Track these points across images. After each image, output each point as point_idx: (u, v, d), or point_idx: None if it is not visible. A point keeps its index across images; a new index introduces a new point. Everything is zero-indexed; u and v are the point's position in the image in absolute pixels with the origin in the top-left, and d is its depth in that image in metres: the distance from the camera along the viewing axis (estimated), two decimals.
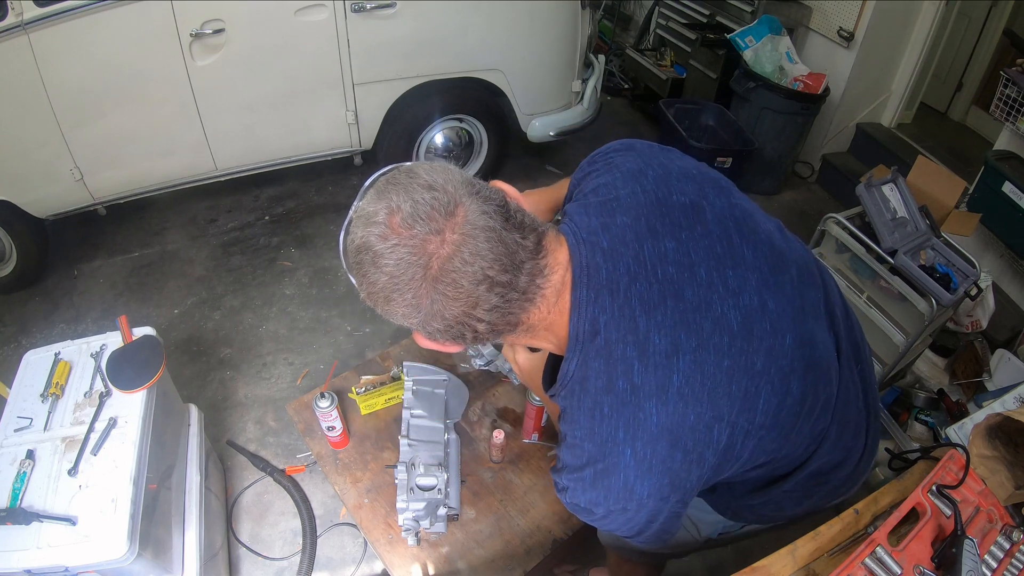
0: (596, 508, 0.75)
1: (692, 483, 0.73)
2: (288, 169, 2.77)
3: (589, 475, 0.72)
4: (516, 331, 0.71)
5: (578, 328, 0.70)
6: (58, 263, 2.77)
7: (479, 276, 0.63)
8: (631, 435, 0.69)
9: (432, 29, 2.51)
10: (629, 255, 0.71)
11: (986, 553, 0.94)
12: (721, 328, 0.70)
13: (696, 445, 0.70)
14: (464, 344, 0.71)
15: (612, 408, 0.69)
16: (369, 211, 0.64)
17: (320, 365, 2.36)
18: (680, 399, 0.68)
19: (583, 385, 0.71)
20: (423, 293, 0.63)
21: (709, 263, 0.72)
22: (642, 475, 0.70)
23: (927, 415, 2.06)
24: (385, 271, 0.63)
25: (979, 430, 1.07)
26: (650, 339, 0.68)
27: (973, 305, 2.12)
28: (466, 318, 0.65)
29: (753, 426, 0.73)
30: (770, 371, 0.73)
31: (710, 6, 3.78)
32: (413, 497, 1.31)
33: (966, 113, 3.76)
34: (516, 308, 0.67)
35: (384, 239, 0.62)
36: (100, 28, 2.09)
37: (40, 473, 1.21)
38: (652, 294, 0.69)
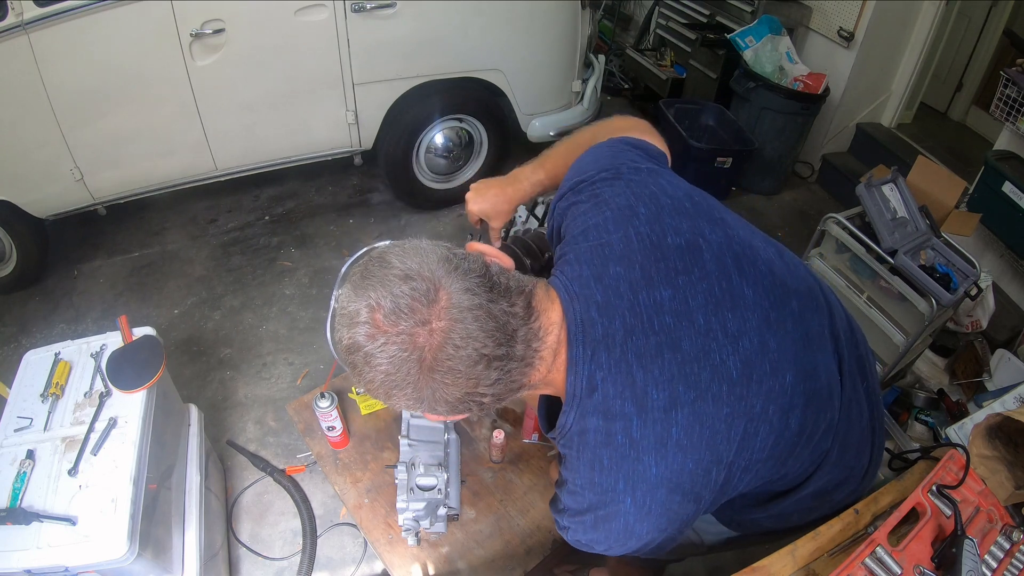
0: (597, 546, 0.76)
1: (690, 516, 0.74)
2: (288, 169, 2.77)
3: (590, 520, 0.73)
4: (518, 392, 0.72)
5: (575, 386, 0.70)
6: (58, 263, 2.77)
7: (474, 357, 0.63)
8: (631, 486, 0.69)
9: (432, 29, 2.51)
10: (624, 307, 0.70)
11: (986, 553, 0.94)
12: (720, 376, 0.70)
13: (694, 487, 0.71)
14: (471, 414, 0.72)
15: (612, 461, 0.69)
16: (351, 310, 0.63)
17: (320, 365, 2.36)
18: (679, 450, 0.68)
19: (582, 438, 0.71)
20: (422, 385, 0.63)
21: (707, 308, 0.71)
22: (642, 519, 0.70)
23: (927, 415, 2.06)
24: (380, 370, 0.62)
25: (979, 430, 1.07)
26: (648, 394, 0.68)
27: (973, 305, 2.12)
28: (469, 397, 0.66)
29: (751, 462, 0.74)
30: (768, 411, 0.73)
31: (710, 6, 3.78)
32: (413, 497, 1.30)
33: (966, 113, 3.76)
34: (517, 376, 0.68)
35: (372, 339, 0.62)
36: (100, 28, 2.09)
37: (40, 473, 1.21)
38: (649, 347, 0.69)
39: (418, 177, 2.93)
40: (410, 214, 3.09)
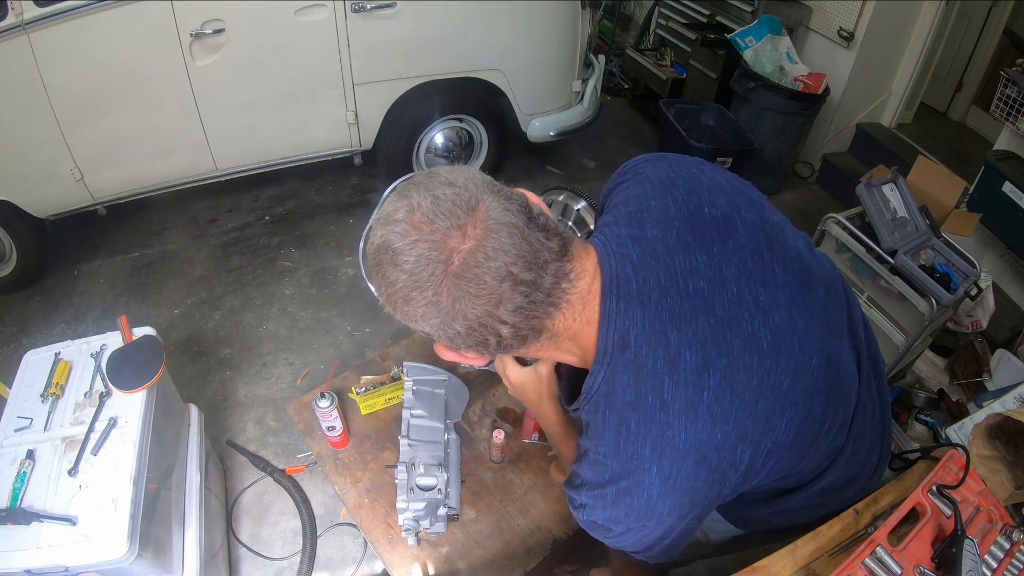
0: (615, 526, 0.73)
1: (711, 501, 0.72)
2: (288, 169, 2.77)
3: (611, 493, 0.70)
4: (540, 339, 0.69)
5: (607, 340, 0.68)
6: (58, 263, 2.77)
7: (502, 272, 0.61)
8: (658, 453, 0.67)
9: (432, 29, 2.51)
10: (660, 268, 0.69)
11: (986, 553, 0.94)
12: (751, 346, 0.69)
13: (720, 464, 0.69)
14: (487, 353, 0.69)
15: (640, 425, 0.67)
16: (389, 211, 0.63)
17: (320, 365, 2.36)
18: (709, 417, 0.67)
19: (609, 400, 0.69)
20: (444, 290, 0.61)
21: (740, 279, 0.71)
22: (665, 494, 0.68)
23: (927, 415, 2.06)
24: (404, 268, 0.61)
25: (979, 430, 1.07)
26: (681, 355, 0.67)
27: (973, 305, 2.12)
28: (489, 319, 0.63)
29: (775, 445, 0.72)
30: (795, 391, 0.72)
31: (710, 6, 3.78)
32: (413, 497, 1.31)
33: (966, 113, 3.76)
34: (540, 312, 0.65)
35: (404, 236, 0.61)
36: (100, 28, 2.09)
37: (40, 473, 1.21)
38: (683, 309, 0.68)
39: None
40: None
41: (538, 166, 3.50)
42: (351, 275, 2.77)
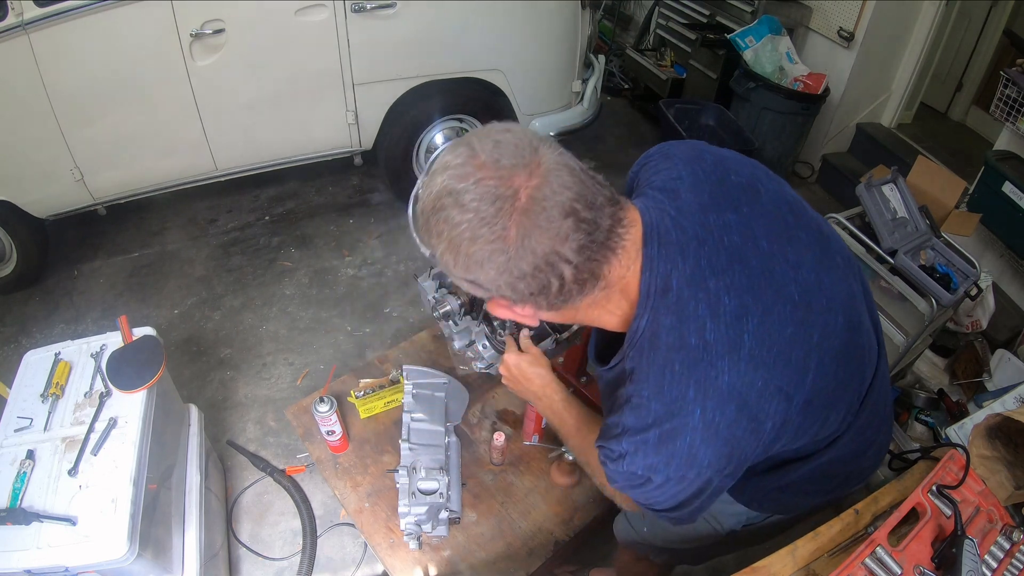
0: (655, 475, 0.72)
1: (748, 454, 0.73)
2: (288, 169, 2.77)
3: (654, 437, 0.70)
4: (595, 288, 0.70)
5: (650, 284, 0.70)
6: (58, 263, 2.77)
7: (567, 208, 0.62)
8: (702, 394, 0.68)
9: (432, 29, 2.51)
10: (696, 223, 0.72)
11: (986, 553, 0.94)
12: (783, 297, 0.72)
13: (759, 413, 0.70)
14: (544, 306, 0.69)
15: (683, 366, 0.68)
16: (448, 159, 0.64)
17: (320, 365, 2.36)
18: (751, 361, 0.69)
19: (653, 342, 0.70)
20: (512, 225, 0.61)
21: (769, 237, 0.74)
22: (708, 439, 0.69)
23: (927, 415, 2.06)
24: (471, 207, 0.61)
25: (979, 430, 1.07)
26: (720, 299, 0.69)
27: (973, 305, 2.12)
28: (554, 256, 0.63)
29: (804, 403, 0.74)
30: (823, 347, 0.75)
31: (710, 6, 3.78)
32: (415, 501, 1.30)
33: (966, 113, 3.76)
34: (599, 256, 0.66)
35: (468, 178, 0.62)
36: (100, 28, 2.09)
37: (40, 473, 1.21)
38: (720, 259, 0.71)
39: (418, 177, 2.92)
40: None
41: None
42: (351, 275, 2.78)
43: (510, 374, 1.09)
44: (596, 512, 1.49)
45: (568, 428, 1.03)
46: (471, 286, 0.68)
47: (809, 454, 0.90)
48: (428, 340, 1.83)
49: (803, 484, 0.97)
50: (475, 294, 0.72)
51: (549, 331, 1.33)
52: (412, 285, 2.69)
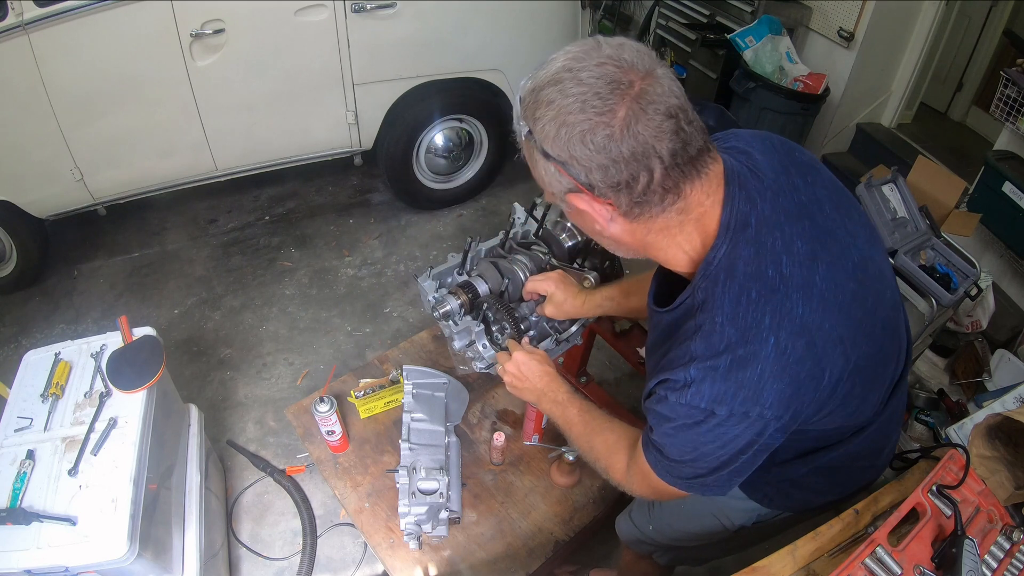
0: (719, 408, 0.71)
1: (803, 406, 0.73)
2: (288, 169, 2.77)
3: (725, 363, 0.70)
4: (673, 208, 0.71)
5: (730, 218, 0.72)
6: (58, 263, 2.77)
7: (672, 111, 0.65)
8: (777, 322, 0.69)
9: (432, 29, 2.51)
10: (770, 179, 0.76)
11: (986, 553, 0.94)
12: (846, 256, 0.76)
13: (823, 358, 0.72)
14: (625, 204, 0.69)
15: (760, 294, 0.70)
16: (570, 48, 0.68)
17: (320, 365, 2.36)
18: (821, 301, 0.71)
19: (730, 271, 0.72)
20: (621, 106, 0.64)
21: (831, 204, 0.79)
22: (777, 373, 0.69)
23: (927, 415, 2.06)
24: (586, 83, 0.64)
25: (979, 430, 1.07)
26: (794, 242, 0.72)
27: (973, 305, 2.12)
28: (650, 150, 0.65)
29: (855, 366, 0.75)
30: (875, 314, 0.78)
31: (710, 6, 3.77)
32: (415, 501, 1.30)
33: (966, 113, 3.75)
34: (687, 171, 0.69)
35: (588, 60, 0.65)
36: (100, 28, 2.09)
37: (40, 473, 1.21)
38: (792, 210, 0.74)
39: (418, 177, 2.93)
40: (410, 214, 3.09)
41: None
42: (351, 275, 2.78)
43: (517, 372, 1.11)
44: (596, 512, 1.49)
45: (573, 421, 1.04)
46: (558, 170, 0.70)
47: (833, 443, 0.91)
48: (428, 340, 1.83)
49: (820, 478, 0.98)
50: (554, 190, 0.74)
51: (549, 331, 1.35)
52: (412, 285, 2.69)
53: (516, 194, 3.24)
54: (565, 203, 0.75)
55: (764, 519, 1.11)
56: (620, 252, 0.83)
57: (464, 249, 1.38)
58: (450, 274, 1.41)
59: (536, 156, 0.73)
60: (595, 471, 1.02)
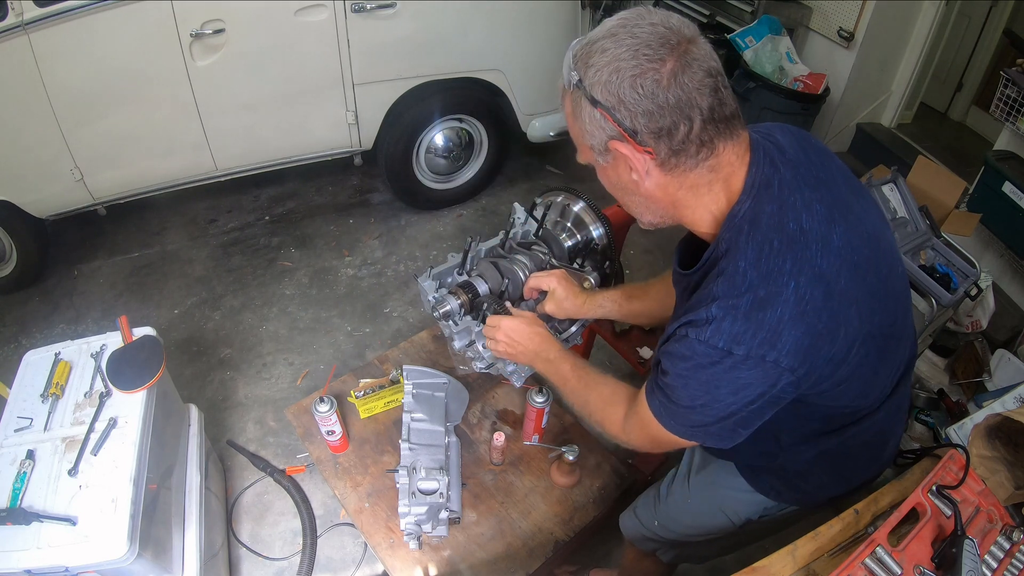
0: (736, 347, 0.73)
1: (818, 362, 0.75)
2: (288, 169, 2.77)
3: (746, 303, 0.72)
4: (705, 164, 0.76)
5: (755, 177, 0.77)
6: (58, 263, 2.77)
7: (712, 71, 0.72)
8: (797, 269, 0.72)
9: (432, 29, 2.51)
10: (790, 153, 0.81)
11: (986, 553, 0.94)
12: (860, 226, 0.80)
13: (839, 313, 0.74)
14: (665, 151, 0.74)
15: (781, 243, 0.73)
16: (622, 13, 0.75)
17: (320, 365, 2.36)
18: (839, 257, 0.75)
19: (754, 223, 0.75)
20: (671, 58, 0.70)
21: (846, 186, 0.83)
22: (795, 319, 0.72)
23: (927, 415, 2.06)
24: (640, 36, 0.71)
25: (979, 430, 1.08)
26: (813, 205, 0.76)
27: (973, 305, 2.12)
28: (692, 102, 0.71)
29: (868, 333, 0.78)
30: (889, 284, 0.83)
31: (710, 6, 3.77)
32: (415, 501, 1.30)
33: (966, 113, 3.76)
34: (721, 129, 0.74)
35: (641, 20, 0.72)
36: (100, 28, 2.09)
37: (40, 473, 1.21)
38: (811, 180, 0.79)
39: (418, 177, 2.93)
40: (410, 214, 3.09)
41: (538, 166, 3.50)
42: (351, 275, 2.78)
43: (508, 338, 1.13)
44: (596, 512, 1.48)
45: (567, 377, 1.06)
46: (604, 117, 0.74)
47: (843, 426, 0.92)
48: (428, 340, 1.83)
49: (825, 468, 0.99)
50: (595, 141, 0.78)
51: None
52: (412, 285, 2.69)
53: (516, 194, 3.24)
54: (605, 155, 0.79)
55: (770, 513, 1.11)
56: (649, 216, 0.86)
57: (464, 249, 1.38)
58: (450, 274, 1.41)
59: (582, 105, 0.77)
60: (594, 473, 1.02)
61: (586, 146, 0.81)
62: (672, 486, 1.24)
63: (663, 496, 1.25)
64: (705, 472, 1.17)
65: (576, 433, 1.64)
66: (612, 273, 1.46)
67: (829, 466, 0.99)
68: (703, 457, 1.20)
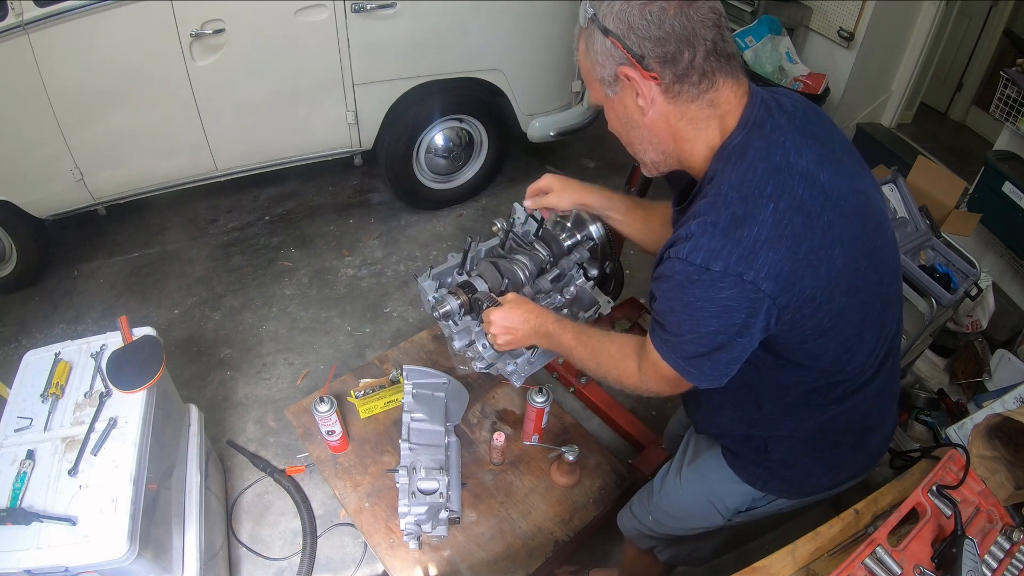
0: (714, 263, 0.74)
1: (801, 294, 0.76)
2: (288, 169, 2.77)
3: (724, 220, 0.75)
4: (705, 98, 0.80)
5: (749, 116, 0.81)
6: (58, 263, 2.77)
7: (718, 9, 0.77)
8: (778, 193, 0.75)
9: (432, 29, 2.51)
10: (787, 107, 0.84)
11: (986, 553, 0.94)
12: (850, 181, 0.83)
13: (819, 248, 0.76)
14: (670, 77, 0.78)
15: (766, 171, 0.76)
16: None
17: (320, 365, 2.36)
18: (823, 194, 0.77)
19: (741, 154, 0.79)
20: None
21: (841, 148, 0.86)
22: (772, 241, 0.74)
23: (927, 415, 2.06)
24: None
25: (979, 430, 1.07)
26: (803, 150, 0.79)
27: (973, 305, 2.11)
28: (697, 34, 0.76)
29: (853, 284, 0.81)
30: (876, 242, 0.85)
31: None
32: (415, 501, 1.31)
33: (966, 113, 3.76)
34: (721, 64, 0.79)
35: None
36: (100, 28, 2.09)
37: (40, 473, 1.21)
38: (806, 131, 0.82)
39: (418, 177, 2.93)
40: (410, 214, 3.09)
41: (538, 166, 3.50)
42: (351, 275, 2.78)
43: (503, 327, 1.11)
44: (596, 512, 1.49)
45: (572, 346, 1.06)
46: (615, 44, 0.78)
47: (825, 403, 0.92)
48: (428, 340, 1.83)
49: (810, 453, 0.99)
50: (604, 73, 0.82)
51: None
52: (412, 285, 2.69)
53: (516, 194, 3.24)
54: (613, 86, 0.83)
55: (758, 505, 1.11)
56: (652, 153, 0.89)
57: (464, 249, 1.38)
58: (450, 274, 1.41)
59: (595, 38, 0.81)
60: (594, 473, 1.02)
61: (596, 82, 0.85)
62: (666, 479, 1.25)
63: (656, 490, 1.26)
64: (696, 464, 1.18)
65: (576, 433, 1.64)
66: (612, 273, 1.46)
67: (813, 452, 1.00)
68: (695, 450, 1.20)
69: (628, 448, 1.96)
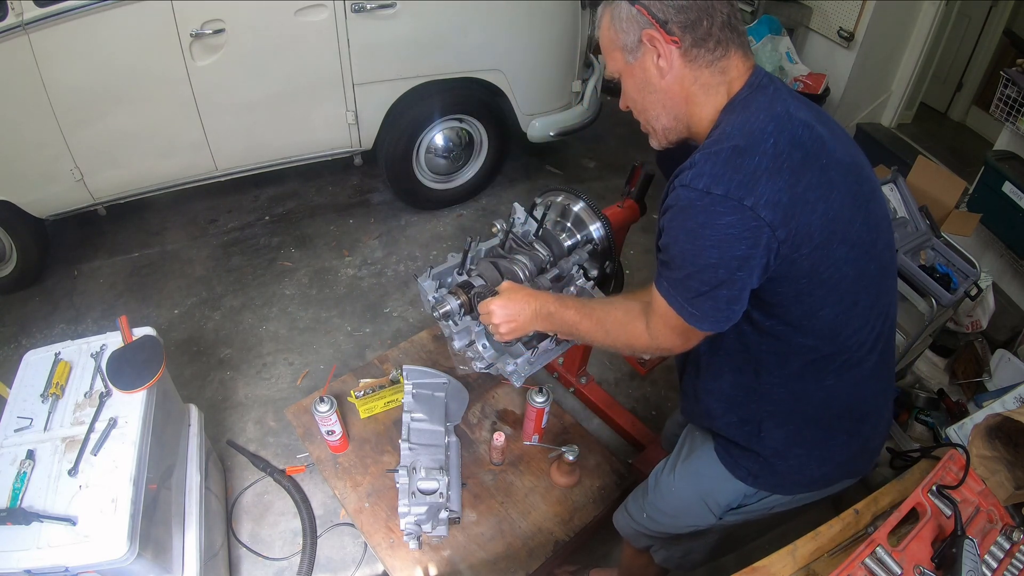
0: (715, 187, 0.78)
1: (800, 229, 0.79)
2: (288, 169, 2.77)
3: (726, 150, 0.80)
4: (716, 65, 0.87)
5: (754, 81, 0.88)
6: (58, 263, 2.77)
7: None
8: (778, 131, 0.81)
9: (432, 29, 2.51)
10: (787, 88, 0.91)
11: (986, 553, 0.94)
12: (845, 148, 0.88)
13: (817, 185, 0.81)
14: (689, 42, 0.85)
15: (767, 117, 0.83)
16: None
17: (320, 365, 2.36)
18: (821, 141, 0.83)
19: (746, 104, 0.86)
20: None
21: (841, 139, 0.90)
22: (772, 172, 0.78)
23: (927, 415, 2.06)
24: None
25: (979, 430, 1.08)
26: (803, 109, 0.87)
27: (973, 305, 2.12)
28: (713, 4, 0.84)
29: (850, 238, 0.85)
30: (869, 206, 0.89)
31: None
32: (415, 501, 1.31)
33: (966, 113, 3.76)
34: (734, 37, 0.86)
35: None
36: (100, 28, 2.09)
37: (40, 473, 1.21)
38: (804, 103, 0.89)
39: (418, 177, 2.93)
40: (410, 214, 3.09)
41: (538, 166, 3.50)
42: (351, 275, 2.78)
43: (502, 316, 1.09)
44: (596, 512, 1.49)
45: (576, 321, 1.05)
46: (640, 11, 0.85)
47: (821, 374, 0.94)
48: (428, 340, 1.83)
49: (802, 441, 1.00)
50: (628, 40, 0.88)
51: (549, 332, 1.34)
52: (412, 285, 2.69)
53: (516, 194, 3.24)
54: (635, 52, 0.89)
55: (749, 503, 1.11)
56: (664, 119, 0.94)
57: (464, 249, 1.38)
58: (450, 274, 1.41)
59: (620, 7, 0.87)
60: (594, 473, 1.02)
61: (618, 50, 0.91)
62: (660, 476, 1.25)
63: (651, 487, 1.27)
64: (689, 461, 1.18)
65: (576, 433, 1.64)
66: (612, 273, 1.46)
67: (806, 442, 1.00)
68: (690, 448, 1.20)
69: (628, 448, 1.96)
